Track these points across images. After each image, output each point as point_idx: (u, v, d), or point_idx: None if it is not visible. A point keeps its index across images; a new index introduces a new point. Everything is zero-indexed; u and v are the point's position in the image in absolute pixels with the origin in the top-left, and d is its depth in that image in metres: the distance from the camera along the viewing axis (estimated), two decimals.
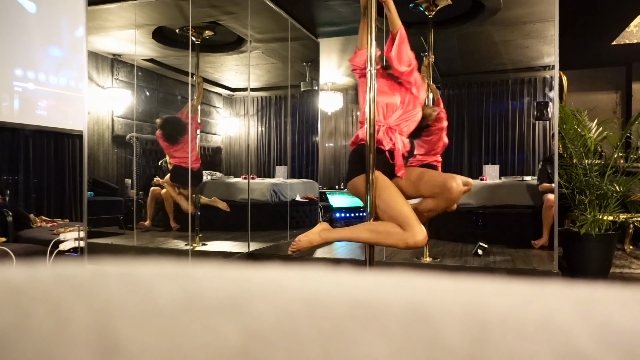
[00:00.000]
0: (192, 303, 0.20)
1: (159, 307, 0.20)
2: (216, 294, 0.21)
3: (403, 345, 0.19)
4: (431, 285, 0.23)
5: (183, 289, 0.21)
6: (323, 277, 0.23)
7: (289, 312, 0.20)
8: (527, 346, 0.19)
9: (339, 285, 0.22)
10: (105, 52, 4.81)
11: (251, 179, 4.84)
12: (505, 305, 0.21)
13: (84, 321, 0.19)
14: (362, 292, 0.21)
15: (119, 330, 0.19)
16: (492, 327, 0.20)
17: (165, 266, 0.24)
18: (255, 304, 0.20)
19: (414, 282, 0.23)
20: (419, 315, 0.20)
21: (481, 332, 0.19)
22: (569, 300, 0.21)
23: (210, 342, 0.19)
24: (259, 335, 0.19)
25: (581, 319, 0.20)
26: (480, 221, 4.47)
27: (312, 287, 0.22)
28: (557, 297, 0.22)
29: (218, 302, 0.21)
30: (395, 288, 0.22)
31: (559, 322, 0.20)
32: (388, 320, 0.20)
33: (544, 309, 0.21)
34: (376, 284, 0.23)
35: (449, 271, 3.40)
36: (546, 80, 5.97)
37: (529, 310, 0.21)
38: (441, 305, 0.21)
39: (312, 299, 0.21)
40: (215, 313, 0.20)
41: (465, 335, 0.19)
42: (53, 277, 0.22)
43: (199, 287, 0.22)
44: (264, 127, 6.95)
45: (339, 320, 0.20)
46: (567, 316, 0.20)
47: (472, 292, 0.22)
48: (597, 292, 0.23)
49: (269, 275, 0.23)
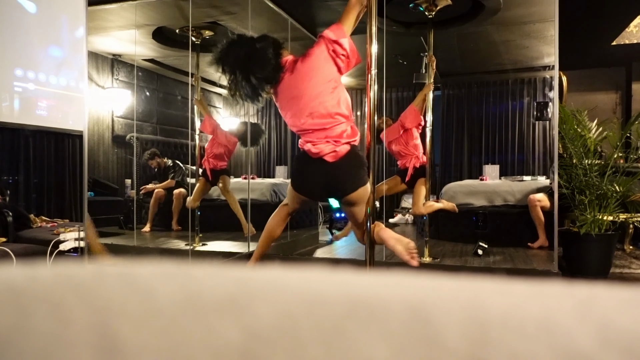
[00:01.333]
0: (192, 303, 0.20)
1: (159, 307, 0.20)
2: (216, 294, 0.21)
3: (403, 345, 0.19)
4: (431, 285, 0.23)
5: (183, 289, 0.21)
6: (323, 277, 0.23)
7: (289, 312, 0.20)
8: (527, 346, 0.19)
9: (339, 285, 0.22)
10: (105, 52, 4.81)
11: (251, 179, 4.84)
12: (505, 305, 0.21)
13: (84, 321, 0.19)
14: (362, 292, 0.21)
15: (119, 330, 0.19)
16: (492, 327, 0.20)
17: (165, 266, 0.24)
18: (255, 304, 0.20)
19: (414, 282, 0.23)
20: (419, 315, 0.20)
21: (481, 332, 0.19)
22: (569, 300, 0.21)
23: (210, 342, 0.19)
24: (259, 335, 0.19)
25: (581, 319, 0.20)
26: (480, 221, 4.47)
27: (312, 287, 0.22)
28: (557, 297, 0.22)
29: (218, 302, 0.21)
30: (395, 288, 0.22)
31: (559, 322, 0.20)
32: (388, 320, 0.20)
33: (544, 309, 0.21)
34: (376, 284, 0.23)
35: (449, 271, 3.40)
36: (546, 81, 5.97)
37: (529, 310, 0.21)
38: (441, 305, 0.21)
39: (312, 299, 0.21)
40: (215, 313, 0.20)
41: (465, 335, 0.19)
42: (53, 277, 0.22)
43: (199, 287, 0.22)
44: (264, 127, 6.95)
45: (339, 320, 0.20)
46: (567, 316, 0.20)
47: (472, 292, 0.22)
48: (597, 292, 0.23)
49: (269, 275, 0.23)
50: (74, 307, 0.20)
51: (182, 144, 5.26)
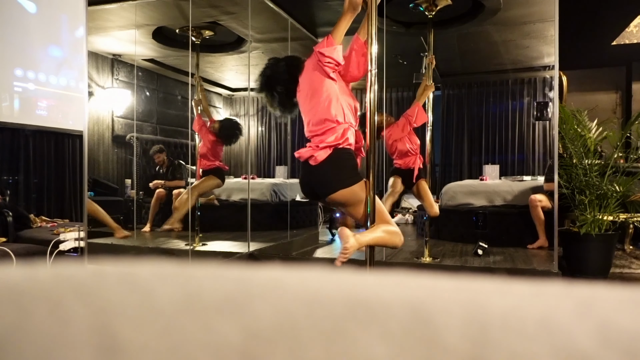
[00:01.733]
0: (192, 303, 0.20)
1: (158, 307, 0.20)
2: (216, 294, 0.21)
3: (403, 345, 0.19)
4: (431, 285, 0.23)
5: (183, 289, 0.21)
6: (323, 277, 0.23)
7: (289, 312, 0.20)
8: (527, 346, 0.19)
9: (339, 285, 0.22)
10: (105, 52, 4.81)
11: (251, 179, 4.84)
12: (505, 305, 0.21)
13: (84, 321, 0.19)
14: (362, 292, 0.21)
15: (119, 330, 0.19)
16: (492, 327, 0.20)
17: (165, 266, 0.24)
18: (255, 304, 0.20)
19: (414, 282, 0.23)
20: (419, 315, 0.20)
21: (481, 332, 0.19)
22: (569, 300, 0.21)
23: (210, 342, 0.19)
24: (259, 335, 0.19)
25: (581, 319, 0.20)
26: (480, 221, 4.47)
27: (312, 287, 0.22)
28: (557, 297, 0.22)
29: (218, 302, 0.21)
30: (395, 288, 0.22)
31: (559, 322, 0.20)
32: (388, 320, 0.20)
33: (544, 309, 0.21)
34: (376, 284, 0.23)
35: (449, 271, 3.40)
36: (546, 80, 5.97)
37: (529, 310, 0.21)
38: (441, 305, 0.21)
39: (312, 299, 0.21)
40: (215, 313, 0.20)
41: (465, 335, 0.19)
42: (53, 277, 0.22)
43: (199, 287, 0.22)
44: (264, 127, 6.96)
45: (339, 320, 0.20)
46: (567, 316, 0.20)
47: (472, 292, 0.22)
48: (597, 292, 0.23)
49: (269, 275, 0.23)
50: (74, 307, 0.20)
51: (182, 144, 5.25)
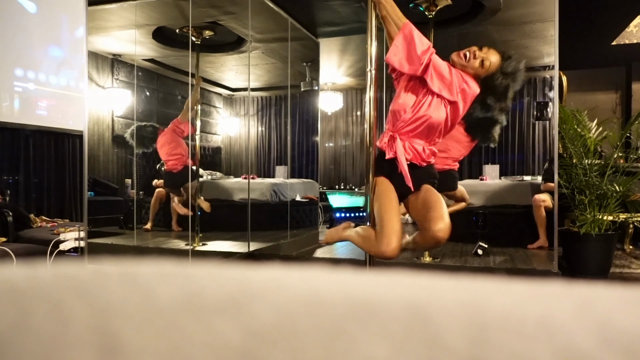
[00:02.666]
0: (192, 303, 0.20)
1: (159, 307, 0.20)
2: (216, 294, 0.21)
3: (403, 345, 0.19)
4: (431, 285, 0.23)
5: (183, 289, 0.21)
6: (323, 277, 0.23)
7: (289, 312, 0.20)
8: (527, 346, 0.19)
9: (339, 285, 0.22)
10: (105, 52, 4.81)
11: (251, 179, 4.84)
12: (505, 305, 0.21)
13: (84, 321, 0.19)
14: (362, 292, 0.21)
15: (119, 330, 0.19)
16: (492, 327, 0.20)
17: (165, 266, 0.24)
18: (255, 304, 0.20)
19: (414, 282, 0.23)
20: (419, 315, 0.20)
21: (481, 332, 0.19)
22: (569, 300, 0.21)
23: (210, 342, 0.19)
24: (259, 335, 0.19)
25: (581, 319, 0.20)
26: (480, 221, 4.46)
27: (312, 287, 0.22)
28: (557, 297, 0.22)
29: (218, 302, 0.21)
30: (395, 288, 0.22)
31: (559, 322, 0.20)
32: (388, 320, 0.20)
33: (544, 309, 0.21)
34: (376, 284, 0.23)
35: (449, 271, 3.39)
36: (546, 80, 5.97)
37: (529, 310, 0.21)
38: (441, 305, 0.21)
39: (312, 299, 0.21)
40: (215, 313, 0.20)
41: (465, 335, 0.19)
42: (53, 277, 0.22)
43: (199, 287, 0.22)
44: (264, 127, 6.96)
45: (339, 320, 0.20)
46: (567, 316, 0.20)
47: (472, 292, 0.22)
48: (597, 292, 0.23)
49: (269, 275, 0.23)
50: (74, 307, 0.20)
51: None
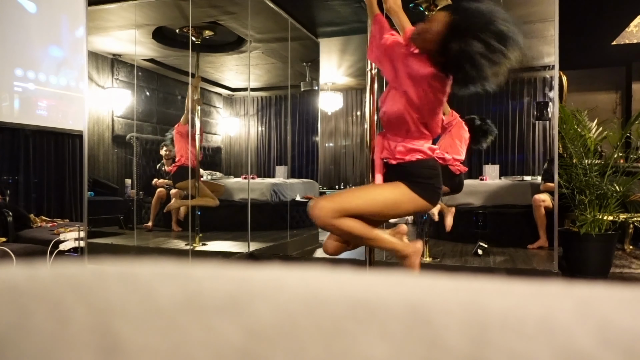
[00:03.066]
0: (192, 303, 0.20)
1: (159, 307, 0.20)
2: (216, 294, 0.21)
3: (403, 345, 0.19)
4: (431, 285, 0.23)
5: (183, 289, 0.21)
6: (323, 277, 0.23)
7: (289, 312, 0.20)
8: (527, 346, 0.19)
9: (339, 285, 0.22)
10: (105, 52, 4.81)
11: (251, 179, 4.84)
12: (505, 305, 0.21)
13: (84, 321, 0.19)
14: (362, 292, 0.21)
15: (119, 330, 0.19)
16: (492, 327, 0.20)
17: (165, 266, 0.24)
18: (255, 304, 0.20)
19: (414, 282, 0.23)
20: (419, 315, 0.20)
21: (481, 332, 0.19)
22: (569, 300, 0.21)
23: (210, 342, 0.19)
24: (259, 335, 0.19)
25: (581, 319, 0.20)
26: (480, 221, 4.47)
27: (312, 287, 0.22)
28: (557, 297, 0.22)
29: (218, 302, 0.21)
30: (395, 288, 0.22)
31: (559, 322, 0.20)
32: (388, 320, 0.20)
33: (544, 309, 0.21)
34: (376, 284, 0.23)
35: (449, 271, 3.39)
36: (546, 80, 5.97)
37: (529, 310, 0.21)
38: (441, 305, 0.21)
39: (312, 299, 0.21)
40: (215, 313, 0.20)
41: (465, 335, 0.19)
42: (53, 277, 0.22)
43: (199, 287, 0.22)
44: (264, 127, 6.96)
45: (339, 320, 0.20)
46: (567, 316, 0.20)
47: (472, 292, 0.22)
48: (597, 292, 0.23)
49: (269, 275, 0.23)
50: (74, 307, 0.20)
51: None
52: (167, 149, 4.66)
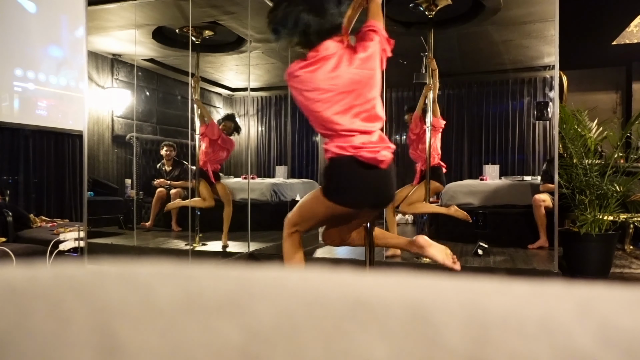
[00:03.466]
0: (192, 303, 0.20)
1: (159, 307, 0.20)
2: (216, 294, 0.21)
3: (403, 345, 0.19)
4: (431, 285, 0.23)
5: (183, 289, 0.21)
6: (323, 277, 0.23)
7: (289, 312, 0.20)
8: (527, 346, 0.19)
9: (339, 285, 0.22)
10: (105, 52, 4.81)
11: (251, 179, 4.84)
12: (505, 305, 0.21)
13: (84, 321, 0.19)
14: (362, 292, 0.21)
15: (119, 330, 0.19)
16: (492, 327, 0.20)
17: (165, 266, 0.24)
18: (255, 304, 0.20)
19: (414, 282, 0.23)
20: (419, 315, 0.20)
21: (481, 332, 0.19)
22: (569, 300, 0.21)
23: (210, 342, 0.19)
24: (259, 335, 0.19)
25: (581, 319, 0.20)
26: (480, 221, 4.47)
27: (312, 287, 0.22)
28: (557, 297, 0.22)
29: (218, 302, 0.21)
30: (395, 288, 0.22)
31: (559, 322, 0.20)
32: (388, 320, 0.20)
33: (544, 309, 0.21)
34: (376, 284, 0.23)
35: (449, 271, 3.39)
36: (546, 80, 5.97)
37: (529, 310, 0.21)
38: (441, 305, 0.21)
39: (312, 299, 0.21)
40: (215, 313, 0.20)
41: (465, 335, 0.19)
42: (53, 277, 0.22)
43: (199, 287, 0.22)
44: (264, 127, 6.95)
45: (339, 320, 0.20)
46: (567, 316, 0.20)
47: (472, 292, 0.22)
48: (597, 292, 0.23)
49: (269, 275, 0.23)
50: (74, 307, 0.20)
51: (182, 144, 5.26)
52: (168, 149, 4.66)
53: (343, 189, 1.86)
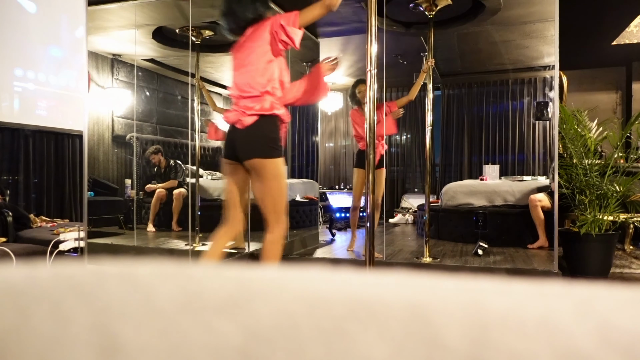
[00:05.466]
0: (192, 303, 0.20)
1: (159, 307, 0.20)
2: (216, 294, 0.21)
3: (403, 345, 0.19)
4: (431, 285, 0.23)
5: (183, 289, 0.21)
6: (323, 277, 0.23)
7: (289, 312, 0.20)
8: (527, 346, 0.19)
9: (339, 285, 0.22)
10: (105, 52, 4.81)
11: None
12: (505, 305, 0.21)
13: (84, 321, 0.19)
14: (362, 292, 0.21)
15: (119, 330, 0.19)
16: (492, 327, 0.20)
17: (165, 266, 0.24)
18: (255, 304, 0.20)
19: (414, 282, 0.23)
20: (419, 315, 0.20)
21: (481, 332, 0.19)
22: (569, 300, 0.21)
23: (210, 342, 0.19)
24: (259, 335, 0.19)
25: (581, 319, 0.20)
26: (480, 221, 4.47)
27: (312, 287, 0.22)
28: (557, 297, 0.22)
29: (218, 302, 0.21)
30: (395, 288, 0.22)
31: (559, 322, 0.20)
32: (388, 320, 0.20)
33: (544, 309, 0.21)
34: (376, 284, 0.23)
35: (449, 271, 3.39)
36: (546, 80, 5.97)
37: (529, 310, 0.21)
38: (441, 305, 0.21)
39: (312, 299, 0.21)
40: (215, 313, 0.20)
41: (465, 335, 0.19)
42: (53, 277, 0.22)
43: (199, 287, 0.22)
44: None
45: (339, 320, 0.20)
46: (567, 316, 0.20)
47: (472, 292, 0.22)
48: (597, 292, 0.23)
49: (269, 275, 0.23)
50: (74, 307, 0.20)
51: (182, 144, 5.26)
52: (154, 157, 4.79)
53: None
